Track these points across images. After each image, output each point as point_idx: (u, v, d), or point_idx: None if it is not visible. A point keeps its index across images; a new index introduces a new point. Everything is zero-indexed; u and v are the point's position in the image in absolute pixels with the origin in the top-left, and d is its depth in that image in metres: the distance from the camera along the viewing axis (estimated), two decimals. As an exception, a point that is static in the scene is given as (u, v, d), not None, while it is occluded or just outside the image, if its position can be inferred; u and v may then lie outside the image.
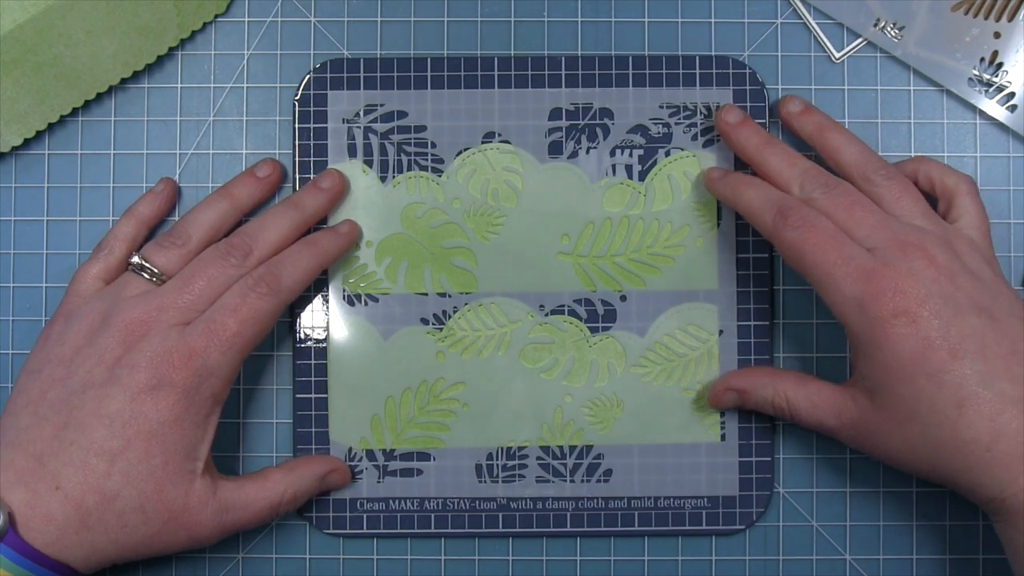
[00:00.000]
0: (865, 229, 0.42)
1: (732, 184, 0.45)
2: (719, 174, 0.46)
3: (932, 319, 0.39)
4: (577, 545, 0.48)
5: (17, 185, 0.48)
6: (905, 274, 0.40)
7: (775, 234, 0.42)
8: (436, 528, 0.47)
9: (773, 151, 0.45)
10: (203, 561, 0.48)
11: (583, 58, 0.48)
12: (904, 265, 0.40)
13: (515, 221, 0.48)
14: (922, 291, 0.40)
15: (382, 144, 0.48)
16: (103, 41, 0.47)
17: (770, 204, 0.43)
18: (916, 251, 0.41)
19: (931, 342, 0.39)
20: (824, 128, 0.45)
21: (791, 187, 0.44)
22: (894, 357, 0.40)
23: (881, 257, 0.41)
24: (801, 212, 0.42)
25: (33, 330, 0.47)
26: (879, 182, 0.43)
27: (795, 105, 0.46)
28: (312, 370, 0.47)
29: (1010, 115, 0.48)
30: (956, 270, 0.41)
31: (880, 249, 0.41)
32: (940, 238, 0.42)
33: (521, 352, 0.47)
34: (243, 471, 0.48)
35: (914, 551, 0.47)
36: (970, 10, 0.48)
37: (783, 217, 0.42)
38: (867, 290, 0.40)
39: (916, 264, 0.40)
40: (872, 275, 0.40)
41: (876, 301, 0.40)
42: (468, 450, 0.47)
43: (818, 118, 0.46)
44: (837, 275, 0.41)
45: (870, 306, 0.40)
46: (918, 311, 0.39)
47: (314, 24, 0.48)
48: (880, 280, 0.40)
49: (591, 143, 0.48)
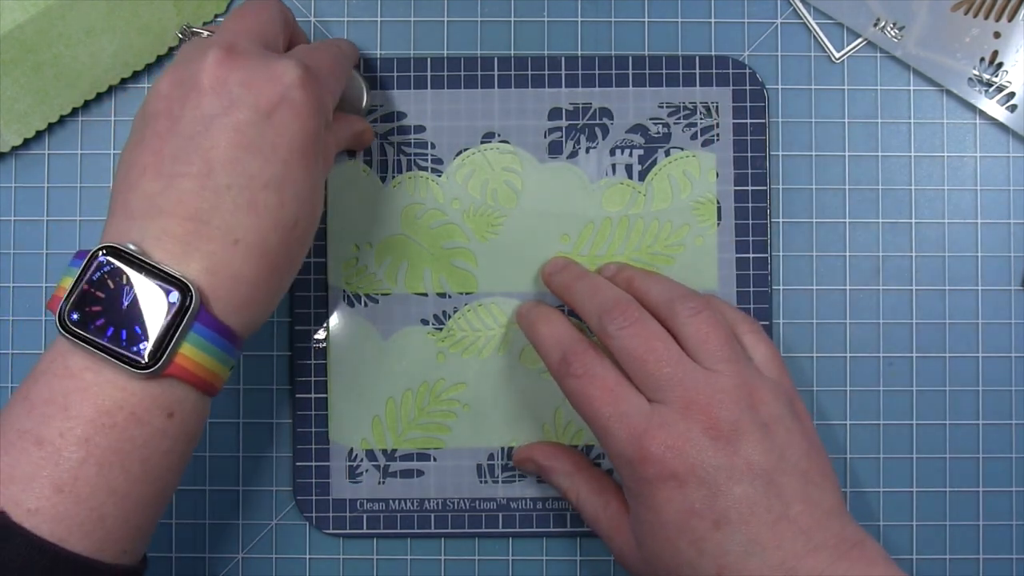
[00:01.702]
0: (657, 377, 0.40)
1: (531, 320, 0.44)
2: (525, 309, 0.45)
3: (699, 487, 0.38)
4: (577, 545, 0.48)
5: (17, 185, 0.48)
6: (680, 438, 0.38)
7: (558, 379, 0.42)
8: (436, 528, 0.47)
9: (580, 284, 0.44)
10: (203, 561, 0.48)
11: (583, 58, 0.48)
12: (681, 428, 0.38)
13: (515, 221, 0.48)
14: (694, 458, 0.38)
15: (382, 144, 0.48)
16: (103, 41, 0.47)
17: (558, 346, 0.42)
18: (699, 414, 0.38)
19: (696, 511, 0.38)
20: (630, 279, 0.44)
21: (590, 321, 0.42)
22: (659, 520, 0.39)
23: (659, 417, 0.39)
24: (583, 360, 0.41)
25: (33, 330, 0.47)
26: (684, 319, 0.41)
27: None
28: (312, 370, 0.47)
29: (1010, 115, 0.48)
30: (742, 431, 0.39)
31: (662, 404, 0.39)
32: (735, 390, 0.39)
33: (522, 352, 0.47)
34: (242, 471, 0.48)
35: (914, 551, 0.47)
36: (970, 10, 0.48)
37: (566, 364, 0.41)
38: (637, 452, 0.39)
39: (694, 429, 0.38)
40: (645, 436, 0.38)
41: (645, 463, 0.38)
42: (469, 450, 0.47)
43: (628, 273, 0.44)
44: (611, 430, 0.39)
45: (638, 467, 0.38)
46: (686, 477, 0.38)
47: (314, 24, 0.48)
48: (651, 442, 0.38)
49: (591, 143, 0.48)
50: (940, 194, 0.48)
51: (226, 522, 0.48)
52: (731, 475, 0.38)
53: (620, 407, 0.39)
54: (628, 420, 0.39)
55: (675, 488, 0.38)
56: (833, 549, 0.37)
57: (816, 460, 0.39)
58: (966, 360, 0.48)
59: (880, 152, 0.48)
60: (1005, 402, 0.48)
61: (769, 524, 0.38)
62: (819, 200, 0.48)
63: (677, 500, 0.38)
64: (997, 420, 0.48)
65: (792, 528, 0.38)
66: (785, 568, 0.37)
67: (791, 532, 0.37)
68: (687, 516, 0.38)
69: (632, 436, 0.39)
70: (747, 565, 0.37)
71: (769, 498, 0.38)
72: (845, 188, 0.48)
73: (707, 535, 0.38)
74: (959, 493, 0.48)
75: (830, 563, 0.37)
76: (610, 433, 0.39)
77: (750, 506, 0.38)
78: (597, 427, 0.40)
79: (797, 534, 0.37)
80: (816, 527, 0.38)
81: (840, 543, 0.38)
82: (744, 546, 0.37)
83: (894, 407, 0.48)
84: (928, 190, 0.48)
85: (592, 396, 0.40)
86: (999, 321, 0.48)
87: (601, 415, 0.40)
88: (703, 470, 0.38)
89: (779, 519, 0.38)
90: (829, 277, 0.48)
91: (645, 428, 0.39)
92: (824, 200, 0.48)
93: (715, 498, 0.38)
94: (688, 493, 0.38)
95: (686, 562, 0.38)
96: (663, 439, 0.38)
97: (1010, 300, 0.48)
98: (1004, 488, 0.48)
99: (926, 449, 0.48)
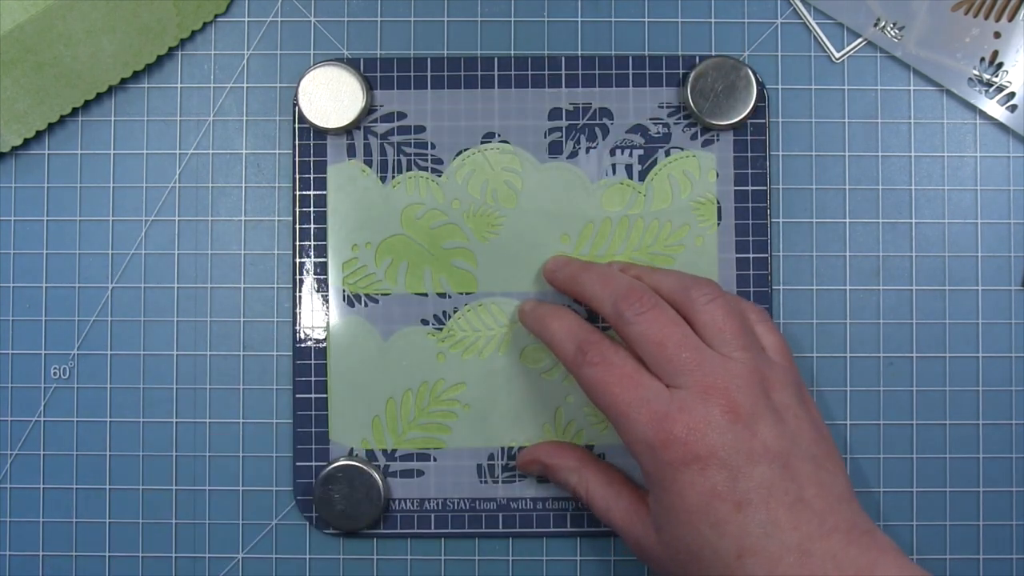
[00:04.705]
0: (675, 362, 0.40)
1: (539, 316, 0.44)
2: (530, 307, 0.46)
3: (721, 470, 0.38)
4: (577, 545, 0.48)
5: (17, 185, 0.48)
6: (701, 421, 0.39)
7: (574, 370, 0.42)
8: (436, 528, 0.47)
9: (588, 275, 0.44)
10: (203, 561, 0.48)
11: (583, 58, 0.48)
12: (702, 411, 0.39)
13: (515, 221, 0.48)
14: (715, 441, 0.39)
15: (382, 144, 0.48)
16: (103, 41, 0.47)
17: (571, 338, 0.42)
18: (719, 397, 0.39)
19: (718, 493, 0.38)
20: (638, 275, 0.44)
21: (603, 308, 0.42)
22: (682, 503, 0.39)
23: (678, 401, 0.39)
24: (600, 348, 0.41)
25: (33, 330, 0.48)
26: (700, 306, 0.42)
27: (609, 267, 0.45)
28: (312, 370, 0.47)
29: (1010, 115, 0.48)
30: (758, 415, 0.39)
31: (681, 389, 0.40)
32: (751, 376, 0.40)
33: (522, 352, 0.47)
34: (243, 471, 0.48)
35: (914, 551, 0.47)
36: (970, 10, 0.48)
37: (582, 353, 0.41)
38: (658, 435, 0.39)
39: (714, 412, 0.39)
40: (665, 420, 0.39)
41: (666, 447, 0.39)
42: (469, 450, 0.47)
43: (635, 270, 0.45)
44: (631, 416, 0.39)
45: (660, 451, 0.39)
46: (708, 460, 0.38)
47: (314, 24, 0.48)
48: (673, 426, 0.39)
49: (591, 143, 0.48)
50: (940, 194, 0.48)
51: (226, 522, 0.48)
52: (751, 457, 0.39)
53: (640, 392, 0.40)
54: (649, 405, 0.39)
55: (698, 471, 0.38)
56: (846, 533, 0.38)
57: (825, 447, 0.40)
58: (966, 360, 0.48)
59: (880, 152, 0.48)
60: (1005, 402, 0.48)
61: (787, 506, 0.38)
62: (819, 200, 0.48)
63: (700, 483, 0.38)
64: (997, 420, 0.48)
65: (808, 510, 0.38)
66: (802, 549, 0.38)
67: (807, 514, 0.38)
68: (710, 498, 0.38)
69: (654, 420, 0.39)
70: (767, 546, 0.38)
71: (786, 480, 0.39)
72: (845, 188, 0.48)
73: (729, 517, 0.38)
74: (959, 493, 0.48)
75: (843, 546, 0.38)
76: (630, 419, 0.40)
77: (769, 488, 0.38)
78: (616, 414, 0.40)
79: (812, 516, 0.38)
80: (829, 511, 0.38)
81: (851, 528, 0.38)
82: (764, 527, 0.38)
83: (894, 407, 0.48)
84: (928, 190, 0.48)
85: (610, 383, 0.40)
86: (999, 321, 0.48)
87: (621, 401, 0.40)
88: (724, 452, 0.38)
89: (796, 501, 0.38)
90: (829, 277, 0.48)
91: (666, 412, 0.39)
92: (824, 200, 0.48)
93: (736, 480, 0.38)
94: (710, 475, 0.38)
95: (707, 545, 0.39)
96: (685, 422, 0.39)
97: (1010, 300, 0.48)
98: (1004, 488, 0.48)
99: (926, 449, 0.48)
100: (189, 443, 0.48)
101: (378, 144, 0.48)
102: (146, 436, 0.48)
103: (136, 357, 0.48)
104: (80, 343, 0.48)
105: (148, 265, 0.48)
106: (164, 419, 0.48)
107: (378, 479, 0.46)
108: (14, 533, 0.48)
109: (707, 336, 0.41)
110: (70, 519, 0.48)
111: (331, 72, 0.47)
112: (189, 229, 0.48)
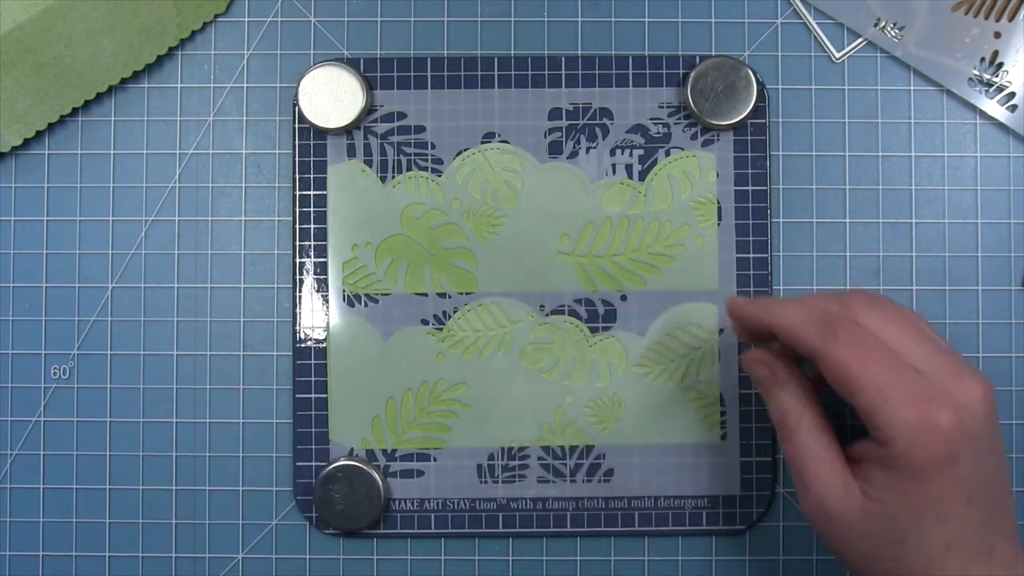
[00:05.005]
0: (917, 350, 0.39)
1: (764, 304, 0.41)
2: (744, 300, 0.43)
3: (966, 463, 0.37)
4: (577, 545, 0.48)
5: (17, 185, 0.48)
6: (962, 411, 0.37)
7: (823, 349, 0.39)
8: (436, 528, 0.47)
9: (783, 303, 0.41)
10: (203, 561, 0.48)
11: (583, 58, 0.48)
12: (961, 399, 0.38)
13: (515, 221, 0.48)
14: (972, 427, 0.37)
15: (382, 144, 0.48)
16: (103, 41, 0.47)
17: (813, 319, 0.39)
18: (970, 378, 0.38)
19: (958, 486, 0.38)
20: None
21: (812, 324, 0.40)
22: (918, 491, 0.38)
23: (938, 386, 0.38)
24: (850, 327, 0.39)
25: (33, 330, 0.48)
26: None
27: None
28: (312, 370, 0.47)
29: (1010, 115, 0.48)
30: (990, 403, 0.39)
31: (930, 373, 0.38)
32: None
33: (522, 352, 0.47)
34: (243, 471, 0.48)
35: (914, 551, 0.47)
36: (970, 10, 0.48)
37: (832, 332, 0.38)
38: (924, 418, 0.37)
39: (969, 395, 0.38)
40: (932, 404, 0.37)
41: (932, 433, 0.37)
42: (469, 450, 0.47)
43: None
44: (892, 394, 0.37)
45: (923, 435, 0.37)
46: (962, 449, 0.37)
47: (314, 24, 0.48)
48: (939, 409, 0.37)
49: (591, 143, 0.48)
50: (940, 194, 0.48)
51: (226, 522, 0.48)
52: (992, 448, 0.39)
53: (899, 370, 0.38)
54: (910, 385, 0.37)
55: (951, 464, 0.37)
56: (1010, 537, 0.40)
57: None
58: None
59: (880, 152, 0.48)
60: (1005, 402, 0.48)
61: (998, 503, 0.39)
62: (819, 200, 0.48)
63: (948, 474, 0.37)
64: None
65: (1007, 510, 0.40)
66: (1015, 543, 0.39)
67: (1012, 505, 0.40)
68: (950, 491, 0.38)
69: (917, 402, 0.37)
70: (984, 537, 0.38)
71: (1001, 472, 0.39)
72: (845, 188, 0.48)
73: (958, 509, 0.38)
74: (959, 493, 0.48)
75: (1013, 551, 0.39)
76: (890, 398, 0.37)
77: (991, 480, 0.38)
78: (872, 392, 0.38)
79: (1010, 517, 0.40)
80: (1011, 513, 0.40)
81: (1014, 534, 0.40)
82: (983, 520, 0.38)
83: (894, 407, 0.48)
84: (928, 190, 0.48)
85: (869, 360, 0.38)
86: (999, 321, 0.48)
87: (880, 378, 0.37)
88: (974, 440, 0.38)
89: (1006, 495, 0.40)
90: (829, 277, 0.48)
91: (930, 396, 0.37)
92: (824, 200, 0.48)
93: (975, 473, 0.38)
94: (959, 469, 0.37)
95: (924, 533, 0.38)
96: (952, 406, 0.37)
97: (1010, 300, 0.48)
98: (1004, 488, 0.47)
99: (926, 449, 0.48)
100: (189, 443, 0.48)
101: (378, 144, 0.48)
102: (146, 436, 0.48)
103: (136, 357, 0.48)
104: (80, 343, 0.48)
105: (148, 265, 0.48)
106: (164, 419, 0.48)
107: (378, 479, 0.46)
108: (14, 533, 0.48)
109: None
110: (70, 519, 0.48)
111: (331, 72, 0.47)
112: (189, 229, 0.48)
